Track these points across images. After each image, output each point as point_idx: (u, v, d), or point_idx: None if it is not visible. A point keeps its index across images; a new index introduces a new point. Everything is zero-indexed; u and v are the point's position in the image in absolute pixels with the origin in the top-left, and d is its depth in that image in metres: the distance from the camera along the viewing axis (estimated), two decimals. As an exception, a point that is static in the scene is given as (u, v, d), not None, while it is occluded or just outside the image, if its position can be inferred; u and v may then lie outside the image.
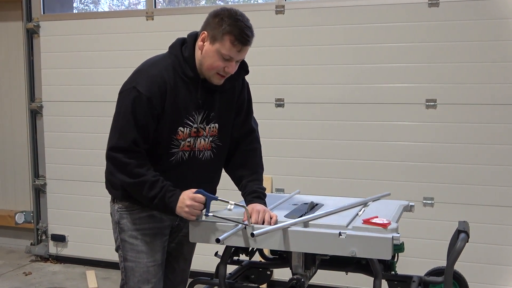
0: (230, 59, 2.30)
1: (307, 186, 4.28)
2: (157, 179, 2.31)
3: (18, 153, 5.61)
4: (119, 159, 2.31)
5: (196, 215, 2.30)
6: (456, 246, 2.28)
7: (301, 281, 2.33)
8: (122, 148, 2.30)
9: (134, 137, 2.29)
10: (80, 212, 5.15)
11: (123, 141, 2.30)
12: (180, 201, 2.29)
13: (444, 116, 4.06)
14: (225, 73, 2.34)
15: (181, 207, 2.29)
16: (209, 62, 2.31)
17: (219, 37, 2.26)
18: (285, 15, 4.41)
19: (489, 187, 4.00)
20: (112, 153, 2.33)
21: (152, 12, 4.81)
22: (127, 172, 2.31)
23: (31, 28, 5.18)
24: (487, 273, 4.03)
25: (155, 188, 2.30)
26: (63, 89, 5.14)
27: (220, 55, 2.28)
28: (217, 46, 2.27)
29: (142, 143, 2.31)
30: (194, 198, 2.27)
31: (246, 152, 2.59)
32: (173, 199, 2.30)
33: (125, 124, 2.30)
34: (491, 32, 3.93)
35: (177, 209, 2.30)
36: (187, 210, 2.27)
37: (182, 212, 2.30)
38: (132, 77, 2.36)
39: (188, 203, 2.27)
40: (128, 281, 2.49)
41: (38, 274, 4.99)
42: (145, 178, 2.30)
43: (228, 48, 2.27)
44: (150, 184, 2.30)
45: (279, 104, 4.47)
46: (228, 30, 2.25)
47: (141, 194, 2.32)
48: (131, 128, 2.28)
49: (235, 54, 2.30)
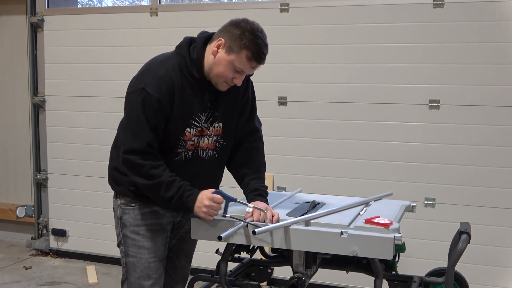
0: (241, 72, 2.31)
1: (309, 184, 4.27)
2: (173, 179, 2.30)
3: (20, 147, 5.61)
4: (135, 161, 2.29)
5: (214, 216, 2.29)
6: (457, 247, 2.28)
7: (302, 279, 2.33)
8: (137, 151, 2.29)
9: (149, 139, 2.28)
10: (82, 207, 5.15)
11: (138, 143, 2.28)
12: (199, 201, 2.28)
13: (447, 117, 4.05)
14: (232, 83, 2.35)
15: (199, 207, 2.28)
16: (220, 70, 2.30)
17: (236, 49, 2.26)
18: (290, 13, 4.40)
19: (492, 189, 3.99)
20: (127, 155, 2.31)
21: (156, 8, 4.80)
22: (143, 174, 2.30)
23: (35, 22, 5.18)
24: (488, 275, 4.02)
25: (172, 189, 2.29)
26: (66, 83, 5.14)
27: (233, 66, 2.28)
28: (232, 58, 2.27)
29: (155, 144, 2.31)
30: (212, 199, 2.27)
31: (249, 151, 2.59)
32: (191, 198, 2.30)
33: (138, 126, 2.28)
34: (496, 33, 3.92)
35: (195, 208, 2.29)
36: (205, 210, 2.27)
37: (200, 212, 2.29)
38: (139, 77, 2.34)
39: (207, 203, 2.26)
40: (129, 276, 2.49)
41: (39, 268, 5.00)
42: (161, 179, 2.29)
43: (243, 63, 2.27)
44: (167, 184, 2.29)
45: (282, 102, 4.47)
46: (247, 46, 2.24)
47: (158, 195, 2.32)
48: (145, 130, 2.27)
49: (248, 69, 2.31)
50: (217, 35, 2.33)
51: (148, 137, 2.28)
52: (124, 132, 2.36)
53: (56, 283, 4.65)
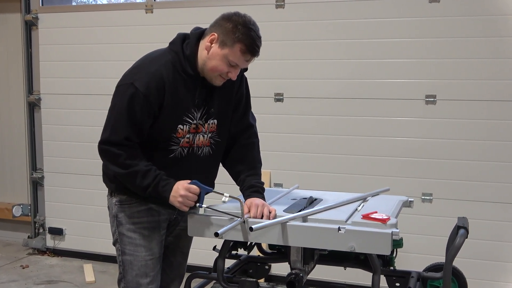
0: (235, 66, 2.31)
1: (306, 180, 4.27)
2: (149, 168, 2.31)
3: (15, 146, 5.59)
4: (110, 151, 2.31)
5: (189, 206, 2.29)
6: (455, 242, 2.28)
7: (300, 275, 2.32)
8: (113, 142, 2.30)
9: (127, 134, 2.28)
10: (78, 206, 5.14)
11: (115, 136, 2.30)
12: (174, 191, 2.28)
13: (444, 112, 4.05)
14: (227, 77, 2.34)
15: (174, 196, 2.28)
16: (214, 64, 2.29)
17: (230, 43, 2.25)
18: (285, 9, 4.39)
19: (489, 183, 4.00)
20: (104, 146, 2.33)
21: (152, 5, 4.79)
22: (119, 163, 2.30)
23: (29, 20, 5.16)
24: (485, 269, 4.03)
25: (148, 178, 2.30)
26: (61, 81, 5.13)
27: (227, 60, 2.28)
28: (226, 52, 2.26)
29: (135, 139, 2.31)
30: (188, 189, 2.27)
31: (244, 147, 2.58)
32: (166, 188, 2.30)
33: (118, 120, 2.29)
34: (492, 28, 3.91)
35: (171, 198, 2.30)
36: (180, 200, 2.27)
37: (175, 202, 2.29)
38: (131, 72, 2.34)
39: (182, 193, 2.26)
40: (126, 274, 2.48)
41: (35, 267, 4.99)
42: (137, 168, 2.29)
43: (237, 56, 2.27)
44: (143, 173, 2.29)
45: (279, 98, 4.46)
46: (240, 39, 2.24)
47: (135, 184, 2.32)
48: (124, 124, 2.28)
49: (243, 62, 2.31)
50: (210, 30, 2.32)
51: (126, 131, 2.28)
52: (105, 123, 2.36)
53: (53, 282, 4.64)
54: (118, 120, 2.30)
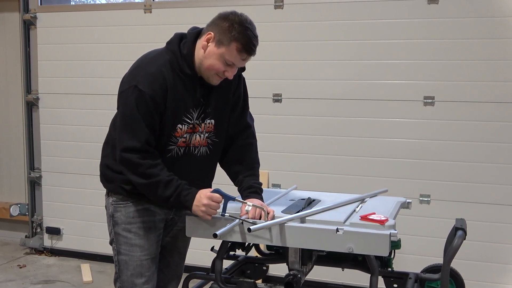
0: (232, 65, 2.30)
1: (304, 181, 4.27)
2: (171, 178, 2.29)
3: (13, 145, 5.58)
4: (132, 160, 2.27)
5: (212, 215, 2.27)
6: (453, 243, 2.27)
7: (298, 276, 2.32)
8: (135, 149, 2.27)
9: (146, 137, 2.27)
10: (76, 205, 5.13)
11: (136, 141, 2.26)
12: (197, 200, 2.26)
13: (442, 113, 4.05)
14: (224, 76, 2.34)
15: (197, 205, 2.26)
16: (211, 63, 2.29)
17: (226, 42, 2.25)
18: (284, 9, 4.39)
19: (486, 185, 4.00)
20: (125, 154, 2.28)
21: (150, 5, 4.78)
22: (140, 173, 2.28)
23: (28, 19, 5.15)
24: (483, 271, 4.03)
25: (170, 188, 2.27)
26: (59, 81, 5.12)
27: (224, 59, 2.27)
28: (222, 51, 2.26)
29: (153, 141, 2.30)
30: (211, 198, 2.25)
31: (242, 148, 2.58)
32: (189, 197, 2.28)
33: (134, 124, 2.26)
34: (490, 29, 3.92)
35: (194, 207, 2.27)
36: (203, 209, 2.25)
37: (198, 211, 2.26)
38: (131, 75, 2.32)
39: (205, 202, 2.24)
40: (122, 274, 2.48)
41: (33, 267, 4.98)
42: (159, 178, 2.27)
43: (233, 55, 2.26)
44: (165, 183, 2.27)
45: (277, 99, 4.45)
46: (236, 38, 2.23)
47: (156, 194, 2.30)
48: (141, 127, 2.25)
49: (239, 61, 2.30)
50: (206, 29, 2.32)
51: (145, 134, 2.26)
52: (120, 131, 2.33)
53: (51, 281, 4.63)
54: (133, 125, 2.26)
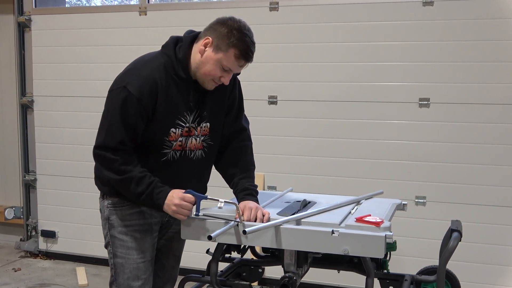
0: (228, 71, 2.30)
1: (299, 183, 4.26)
2: (144, 175, 2.29)
3: (8, 148, 5.56)
4: (106, 156, 2.29)
5: (184, 215, 2.28)
6: (448, 245, 2.27)
7: (293, 279, 2.32)
8: (108, 147, 2.29)
9: (121, 138, 2.27)
10: (71, 208, 5.12)
11: (110, 140, 2.28)
12: (168, 199, 2.27)
13: (437, 115, 4.06)
14: (220, 81, 2.34)
15: (168, 205, 2.27)
16: (208, 68, 2.29)
17: (224, 48, 2.25)
18: (279, 12, 4.39)
19: (482, 187, 4.00)
20: (98, 151, 2.32)
21: (145, 7, 4.78)
22: (114, 169, 2.29)
23: (22, 21, 5.14)
24: (479, 273, 4.03)
25: (142, 184, 2.28)
26: (54, 83, 5.10)
27: (221, 65, 2.27)
28: (219, 56, 2.26)
29: (129, 143, 2.30)
30: (183, 198, 2.26)
31: (237, 150, 2.57)
32: (161, 195, 2.29)
33: (113, 124, 2.28)
34: (485, 31, 3.93)
35: (165, 206, 2.28)
36: (174, 209, 2.26)
37: (169, 210, 2.28)
38: (123, 76, 2.33)
39: (177, 202, 2.25)
40: (118, 277, 2.47)
41: (28, 270, 4.96)
42: (131, 174, 2.28)
43: (231, 61, 2.27)
44: (137, 180, 2.28)
45: (272, 101, 4.45)
46: (235, 44, 2.24)
47: (129, 190, 2.31)
48: (119, 128, 2.27)
49: (236, 67, 2.31)
50: (204, 34, 2.32)
51: (121, 135, 2.27)
52: (99, 128, 2.35)
53: (46, 285, 4.62)
54: (112, 124, 2.28)
